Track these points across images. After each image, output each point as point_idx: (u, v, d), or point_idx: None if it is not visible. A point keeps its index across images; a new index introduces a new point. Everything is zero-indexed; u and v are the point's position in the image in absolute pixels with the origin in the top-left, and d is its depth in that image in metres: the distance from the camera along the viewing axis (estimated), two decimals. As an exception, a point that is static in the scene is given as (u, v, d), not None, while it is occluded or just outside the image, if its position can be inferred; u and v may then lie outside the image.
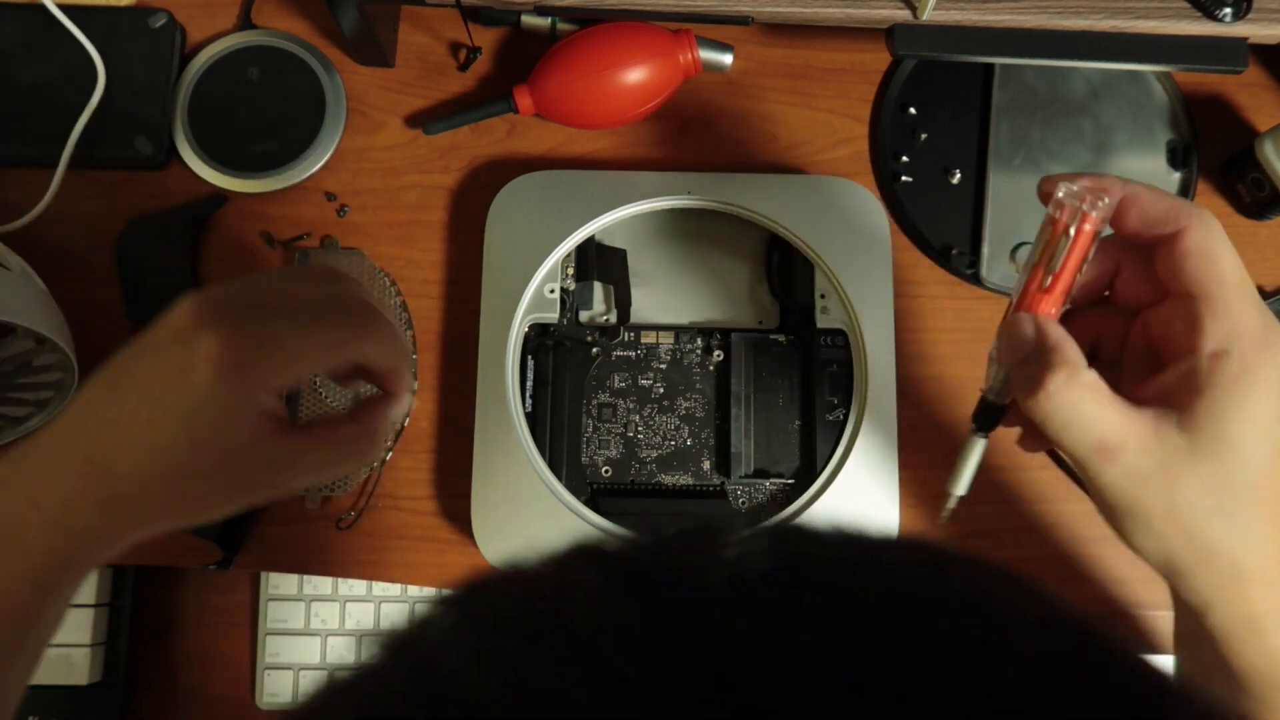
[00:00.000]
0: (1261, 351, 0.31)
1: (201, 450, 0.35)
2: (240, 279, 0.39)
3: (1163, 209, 0.33)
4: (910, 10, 0.56)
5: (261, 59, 0.65)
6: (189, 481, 0.36)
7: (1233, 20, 0.55)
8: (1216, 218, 0.34)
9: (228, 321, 0.35)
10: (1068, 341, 0.33)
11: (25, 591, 0.36)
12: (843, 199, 0.61)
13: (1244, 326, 0.31)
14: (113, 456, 0.35)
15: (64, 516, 0.35)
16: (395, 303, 0.62)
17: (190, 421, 0.34)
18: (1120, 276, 0.37)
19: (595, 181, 0.61)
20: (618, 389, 0.61)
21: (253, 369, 0.35)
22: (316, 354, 0.36)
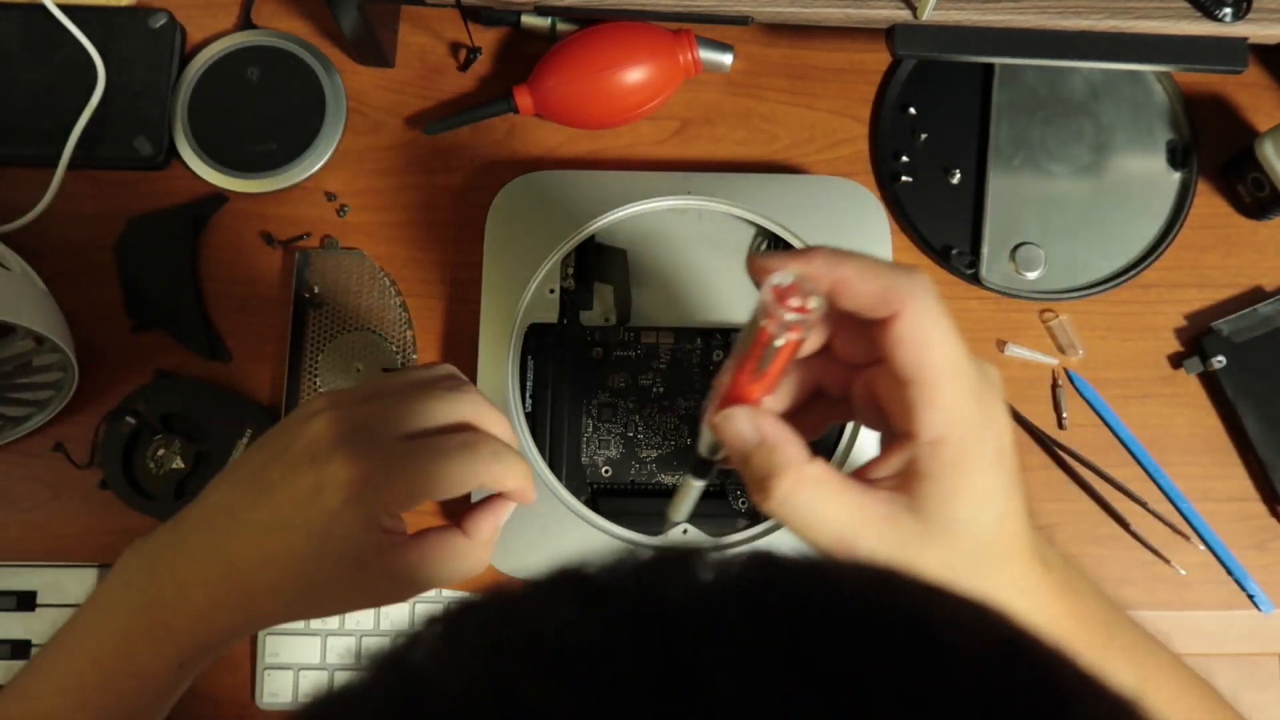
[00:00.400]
0: (978, 432, 0.31)
1: (329, 565, 0.38)
2: (369, 388, 0.41)
3: (874, 293, 0.31)
4: (910, 10, 0.56)
5: (261, 59, 0.65)
6: (317, 591, 0.39)
7: (1233, 20, 0.55)
8: (934, 289, 0.31)
9: (359, 448, 0.37)
10: (786, 439, 0.32)
11: (170, 671, 0.40)
12: (843, 199, 0.61)
13: (958, 414, 0.31)
14: (252, 565, 0.38)
15: (209, 613, 0.39)
16: (395, 303, 0.62)
17: (321, 540, 0.37)
18: (837, 339, 0.35)
19: (595, 181, 0.61)
20: (618, 389, 0.61)
21: (378, 497, 0.37)
22: (441, 487, 0.38)
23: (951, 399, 0.31)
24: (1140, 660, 0.36)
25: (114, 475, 0.59)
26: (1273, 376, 0.60)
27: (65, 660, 0.41)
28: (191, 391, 0.61)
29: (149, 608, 0.39)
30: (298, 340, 0.61)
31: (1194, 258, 0.63)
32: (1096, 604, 0.35)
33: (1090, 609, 0.35)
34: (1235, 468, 0.61)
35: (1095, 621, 0.35)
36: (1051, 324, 0.63)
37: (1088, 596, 0.35)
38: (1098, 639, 0.34)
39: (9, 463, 0.61)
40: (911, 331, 0.30)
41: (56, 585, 0.60)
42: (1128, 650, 0.35)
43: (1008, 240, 0.63)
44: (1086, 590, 0.35)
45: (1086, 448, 0.61)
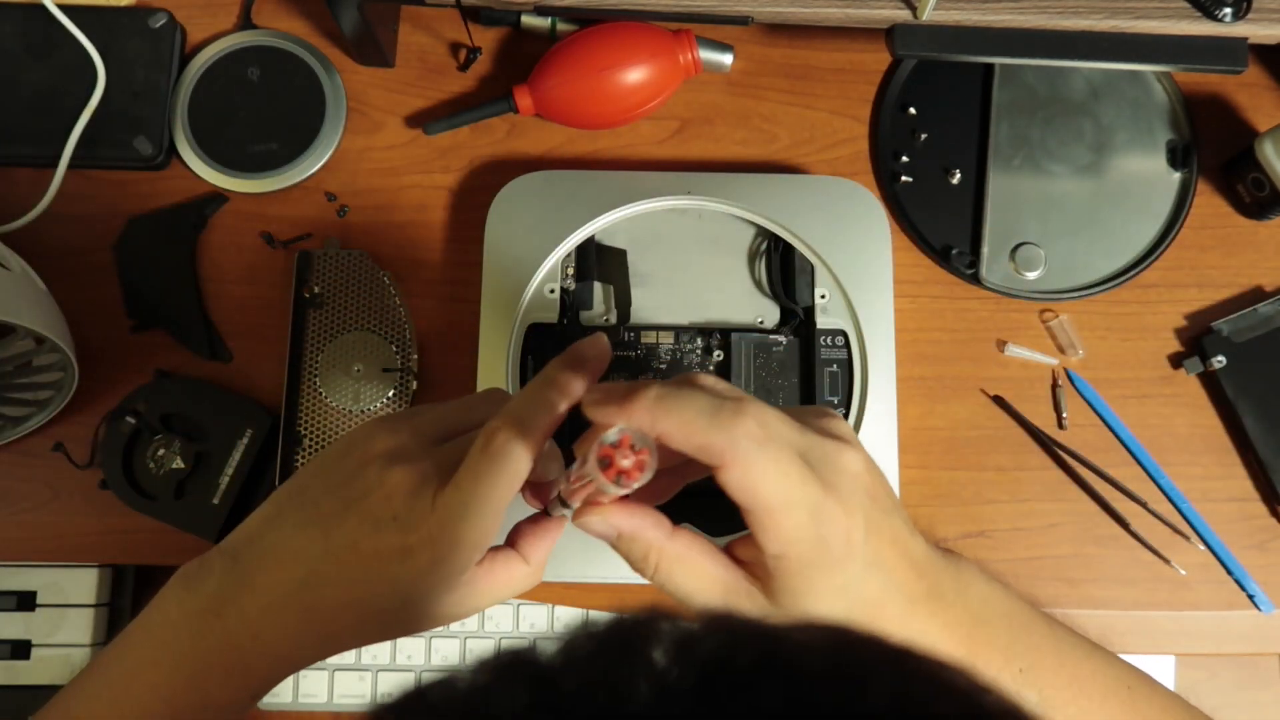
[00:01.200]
0: (816, 550, 0.33)
1: (412, 610, 0.39)
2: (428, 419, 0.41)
3: (694, 449, 0.32)
4: (910, 10, 0.56)
5: (261, 59, 0.65)
6: (397, 629, 0.40)
7: (1233, 20, 0.55)
8: (758, 432, 0.32)
9: (443, 511, 0.37)
10: (642, 526, 0.35)
11: (245, 701, 0.41)
12: (843, 199, 0.61)
13: (794, 537, 0.33)
14: (333, 610, 0.39)
15: (290, 653, 0.40)
16: (395, 303, 0.62)
17: (408, 591, 0.38)
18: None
19: (595, 181, 0.61)
20: (618, 389, 0.61)
21: (470, 557, 0.37)
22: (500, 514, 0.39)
23: (785, 528, 0.33)
24: (1045, 679, 0.38)
25: (114, 475, 0.59)
26: (1273, 376, 0.60)
27: (128, 688, 0.40)
28: (191, 391, 0.61)
29: (220, 649, 0.39)
30: (298, 340, 0.61)
31: (1194, 258, 0.63)
32: (999, 629, 0.38)
33: (988, 635, 0.37)
34: (1235, 468, 0.61)
35: (993, 648, 0.37)
36: (1051, 324, 0.63)
37: (990, 622, 0.37)
38: (993, 664, 0.37)
39: (9, 463, 0.61)
40: (736, 480, 0.32)
41: (56, 585, 0.60)
42: (1029, 671, 0.38)
43: (1008, 240, 0.63)
44: (991, 615, 0.38)
45: (1086, 448, 0.61)
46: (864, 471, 0.35)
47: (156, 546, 0.60)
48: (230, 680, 0.40)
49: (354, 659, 0.62)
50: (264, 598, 0.39)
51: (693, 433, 0.32)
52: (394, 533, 0.37)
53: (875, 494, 0.35)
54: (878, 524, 0.35)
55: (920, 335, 0.62)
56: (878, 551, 0.35)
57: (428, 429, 0.40)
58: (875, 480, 0.35)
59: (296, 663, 0.40)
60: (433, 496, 0.37)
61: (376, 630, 0.40)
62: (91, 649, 0.59)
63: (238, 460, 0.59)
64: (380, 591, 0.38)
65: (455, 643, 0.62)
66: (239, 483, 0.59)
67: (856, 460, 0.35)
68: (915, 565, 0.36)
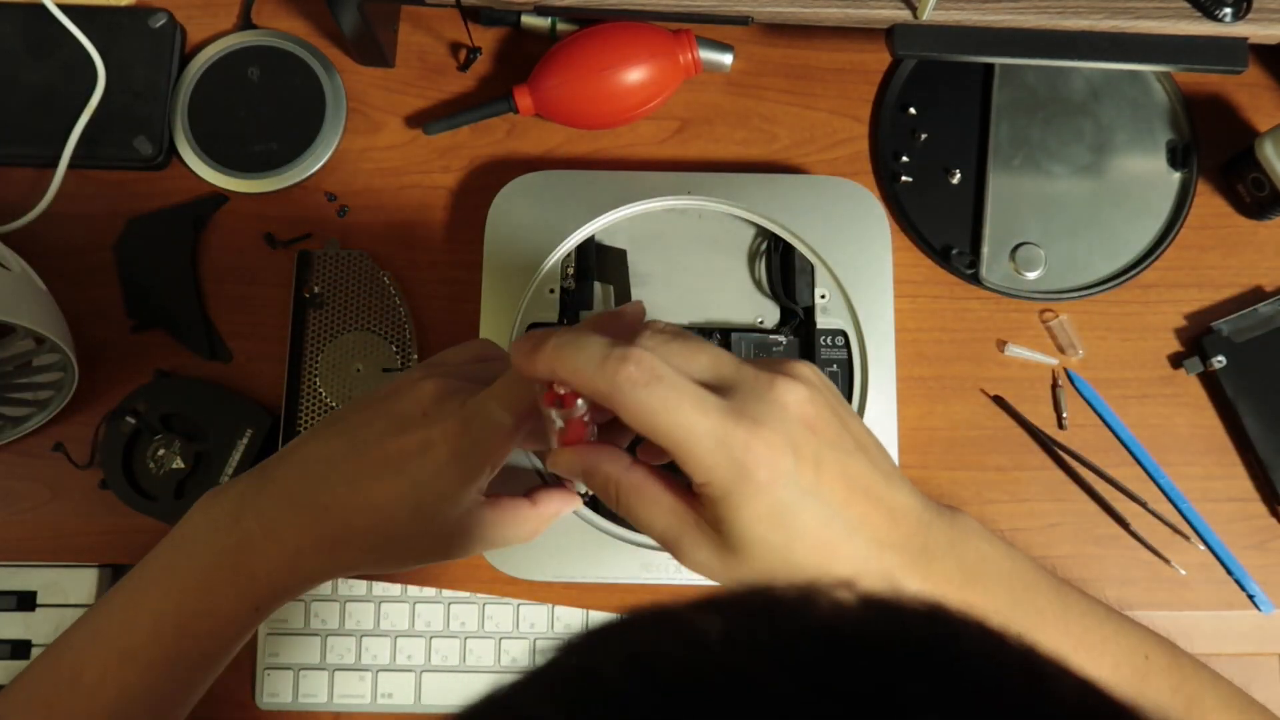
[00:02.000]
0: (737, 479, 0.33)
1: (423, 516, 0.40)
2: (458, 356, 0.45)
3: (589, 394, 0.34)
4: (910, 10, 0.56)
5: (261, 59, 0.65)
6: (401, 542, 0.41)
7: (1233, 20, 0.55)
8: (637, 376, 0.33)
9: (464, 411, 0.40)
10: (601, 458, 0.37)
11: (247, 614, 0.42)
12: (843, 199, 0.61)
13: (708, 463, 0.33)
14: (348, 510, 0.40)
15: (294, 556, 0.41)
16: (395, 303, 0.62)
17: (423, 490, 0.40)
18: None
19: (595, 181, 0.61)
20: (618, 389, 0.61)
21: (485, 457, 0.40)
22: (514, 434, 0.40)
23: (695, 457, 0.33)
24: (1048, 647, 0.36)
25: (114, 475, 0.59)
26: (1273, 376, 0.60)
27: (140, 598, 0.42)
28: (191, 391, 0.61)
29: (234, 549, 0.41)
30: (298, 340, 0.61)
31: (1194, 258, 0.63)
32: (996, 590, 0.36)
33: (983, 596, 0.36)
34: (1235, 468, 0.61)
35: (987, 610, 0.36)
36: (1051, 324, 0.63)
37: (986, 581, 0.36)
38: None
39: (9, 463, 0.61)
40: (631, 422, 0.33)
41: (56, 585, 0.60)
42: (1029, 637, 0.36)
43: (1008, 240, 0.63)
44: (989, 574, 0.37)
45: (1086, 448, 0.61)
46: (801, 402, 0.34)
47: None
48: (236, 584, 0.41)
49: (354, 660, 0.62)
50: (280, 492, 0.41)
51: (583, 381, 0.34)
52: (419, 428, 0.40)
53: (818, 427, 0.34)
54: (821, 457, 0.34)
55: (920, 335, 0.62)
56: (819, 483, 0.34)
57: (462, 361, 0.44)
58: (821, 414, 0.34)
59: (301, 571, 0.41)
60: (462, 401, 0.40)
61: (384, 539, 0.41)
62: (91, 649, 0.59)
63: (238, 460, 0.59)
64: (399, 489, 0.40)
65: (455, 643, 0.62)
66: (239, 483, 0.59)
67: (792, 392, 0.34)
68: (889, 511, 0.35)
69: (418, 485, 0.40)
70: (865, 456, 0.35)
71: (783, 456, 0.33)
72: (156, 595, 0.42)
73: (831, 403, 0.35)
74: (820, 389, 0.35)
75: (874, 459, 0.36)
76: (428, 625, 0.62)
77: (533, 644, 0.62)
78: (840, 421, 0.35)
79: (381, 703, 0.62)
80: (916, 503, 0.36)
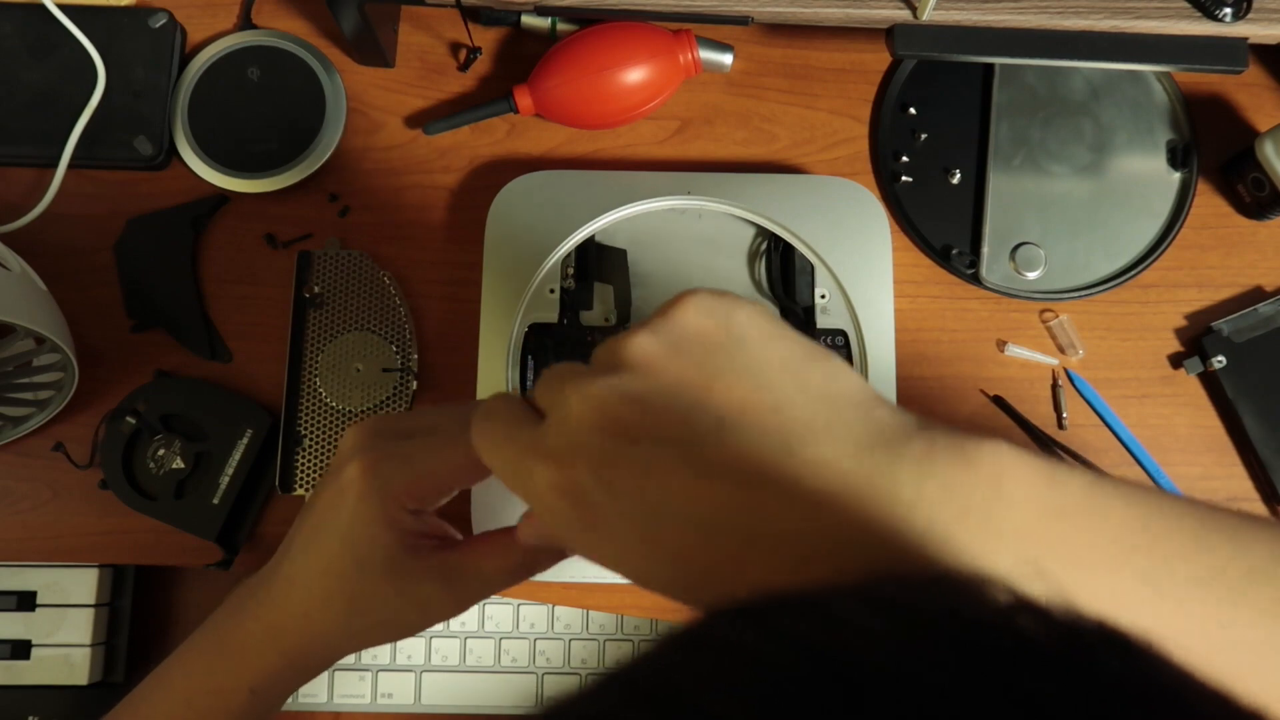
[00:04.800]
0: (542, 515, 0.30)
1: (369, 571, 0.38)
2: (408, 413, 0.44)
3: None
4: (910, 10, 0.56)
5: (261, 59, 0.65)
6: (364, 601, 0.39)
7: (1233, 20, 0.55)
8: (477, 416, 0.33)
9: (371, 446, 0.39)
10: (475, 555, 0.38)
11: (242, 692, 0.41)
12: (843, 199, 0.61)
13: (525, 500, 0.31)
14: (305, 578, 0.40)
15: (275, 637, 0.40)
16: (395, 303, 0.62)
17: (351, 543, 0.38)
18: None
19: (595, 181, 0.61)
20: (618, 389, 0.61)
21: (386, 488, 0.38)
22: (446, 469, 0.38)
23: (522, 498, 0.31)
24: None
25: (114, 475, 0.59)
26: (1273, 376, 0.60)
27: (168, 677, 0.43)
28: (191, 391, 0.61)
29: (234, 627, 0.41)
30: (298, 340, 0.61)
31: (1194, 258, 0.63)
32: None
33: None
34: (1235, 468, 0.61)
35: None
36: (1051, 324, 0.63)
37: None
38: None
39: (9, 463, 0.61)
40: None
41: (56, 585, 0.60)
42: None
43: (1008, 240, 0.63)
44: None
45: (1086, 448, 0.61)
46: (592, 407, 0.27)
47: (156, 546, 0.60)
48: (233, 664, 0.41)
49: (354, 659, 0.62)
50: (262, 578, 0.41)
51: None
52: (334, 479, 0.39)
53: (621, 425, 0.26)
54: (614, 467, 0.26)
55: (920, 335, 0.62)
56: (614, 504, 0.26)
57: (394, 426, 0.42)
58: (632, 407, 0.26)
59: (284, 650, 0.40)
60: (367, 446, 0.39)
61: (346, 603, 0.39)
62: (91, 649, 0.59)
63: (238, 460, 0.59)
64: (332, 548, 0.39)
65: (455, 643, 0.62)
66: (239, 483, 0.59)
67: (581, 400, 0.27)
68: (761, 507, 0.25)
69: (345, 538, 0.38)
70: (735, 430, 0.26)
71: (553, 491, 0.28)
72: (178, 673, 0.43)
73: (676, 374, 0.27)
74: (651, 366, 0.27)
75: (755, 425, 0.26)
76: (428, 625, 0.62)
77: (532, 644, 0.62)
78: (691, 397, 0.26)
79: (381, 703, 0.62)
80: (840, 464, 0.24)
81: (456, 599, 0.39)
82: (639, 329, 0.28)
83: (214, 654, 0.42)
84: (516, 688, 0.62)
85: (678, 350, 0.27)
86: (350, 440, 0.40)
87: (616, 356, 0.28)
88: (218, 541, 0.59)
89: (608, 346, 0.29)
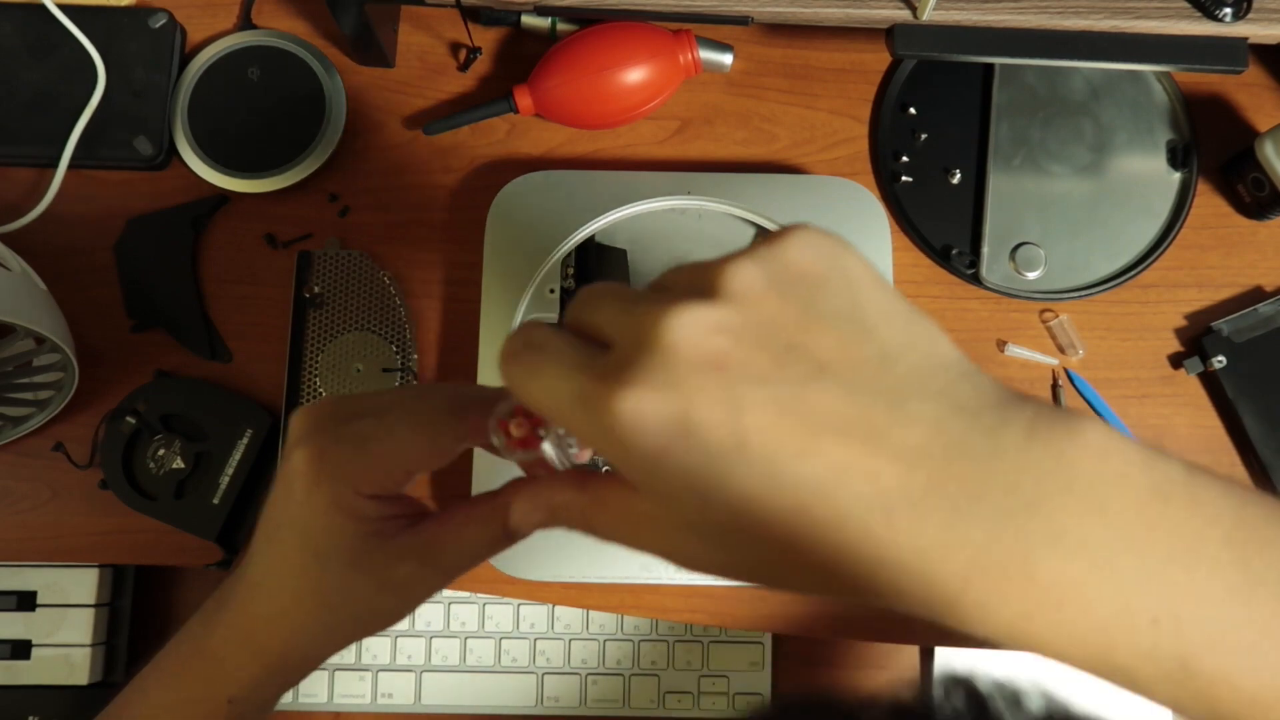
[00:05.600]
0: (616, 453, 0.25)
1: (331, 564, 0.35)
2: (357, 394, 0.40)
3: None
4: (910, 10, 0.56)
5: (261, 59, 0.65)
6: (334, 596, 0.36)
7: (1233, 20, 0.55)
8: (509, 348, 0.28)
9: (319, 430, 0.35)
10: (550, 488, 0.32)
11: (220, 702, 0.39)
12: (843, 199, 0.61)
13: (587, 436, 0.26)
14: (265, 577, 0.37)
15: (249, 643, 0.38)
16: (395, 303, 0.62)
17: (306, 534, 0.35)
18: None
19: (595, 181, 0.61)
20: (618, 389, 0.61)
21: (336, 472, 0.35)
22: (404, 451, 0.35)
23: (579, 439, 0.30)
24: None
25: (114, 475, 0.59)
26: (1273, 376, 0.60)
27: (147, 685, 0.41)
28: (191, 391, 0.61)
29: (201, 632, 0.39)
30: (298, 340, 0.61)
31: (1194, 258, 0.63)
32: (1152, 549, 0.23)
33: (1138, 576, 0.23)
34: (1235, 468, 0.61)
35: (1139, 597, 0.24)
36: (1051, 324, 0.63)
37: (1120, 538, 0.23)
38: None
39: (9, 463, 0.61)
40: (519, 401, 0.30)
41: (56, 585, 0.60)
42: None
43: (1008, 240, 0.63)
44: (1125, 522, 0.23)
45: (1086, 448, 0.61)
46: (698, 335, 0.24)
47: (156, 546, 0.60)
48: (209, 673, 0.39)
49: (354, 659, 0.62)
50: (244, 578, 0.38)
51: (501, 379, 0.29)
52: (281, 471, 0.36)
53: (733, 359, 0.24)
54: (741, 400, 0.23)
55: (920, 335, 0.62)
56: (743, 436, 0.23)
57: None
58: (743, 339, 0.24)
59: (260, 651, 0.38)
60: (313, 432, 0.35)
61: (316, 601, 0.36)
62: (91, 649, 0.59)
63: (238, 460, 0.59)
64: (288, 542, 0.36)
65: (455, 642, 0.62)
66: (239, 483, 0.59)
67: (683, 326, 0.24)
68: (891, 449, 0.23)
69: (299, 530, 0.35)
70: (836, 378, 0.24)
71: (656, 419, 0.23)
72: (154, 685, 0.40)
73: (773, 310, 0.24)
74: (760, 293, 0.24)
75: (857, 375, 0.24)
76: (428, 625, 0.62)
77: (532, 644, 0.62)
78: (787, 337, 0.24)
79: (381, 703, 0.62)
80: (946, 423, 0.24)
81: (438, 575, 0.36)
82: (739, 255, 0.25)
83: (189, 664, 0.39)
84: (516, 688, 0.62)
85: (780, 284, 0.25)
86: (297, 426, 0.36)
87: (707, 281, 0.25)
88: (218, 541, 0.59)
89: (696, 269, 0.26)
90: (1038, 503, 0.23)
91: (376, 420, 0.35)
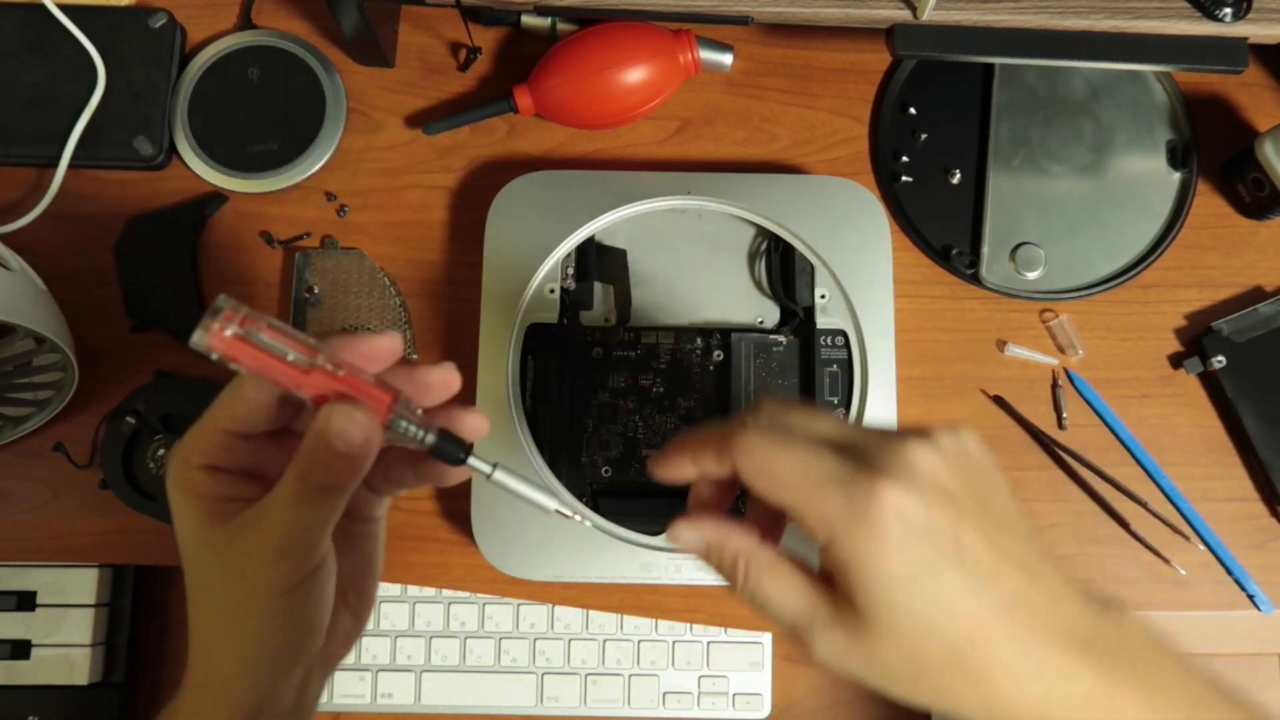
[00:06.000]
0: (859, 527, 0.30)
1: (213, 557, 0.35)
2: None
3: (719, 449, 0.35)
4: (910, 10, 0.56)
5: (261, 59, 0.65)
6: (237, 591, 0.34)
7: (1233, 20, 0.55)
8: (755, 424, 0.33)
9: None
10: (730, 533, 0.34)
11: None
12: (843, 199, 0.61)
13: (825, 511, 0.31)
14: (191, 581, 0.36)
15: (240, 672, 0.36)
16: (395, 303, 0.62)
17: (181, 539, 0.35)
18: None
19: (595, 181, 0.61)
20: (618, 389, 0.61)
21: (174, 452, 0.35)
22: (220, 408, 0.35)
23: (815, 509, 0.31)
24: None
25: (114, 475, 0.59)
26: (1273, 376, 0.60)
27: None
28: (191, 391, 0.61)
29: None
30: (298, 340, 0.61)
31: (1194, 258, 0.63)
32: (1176, 703, 0.31)
33: (1157, 696, 0.31)
34: (1235, 468, 0.61)
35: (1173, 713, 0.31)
36: (1051, 324, 0.63)
37: (1164, 689, 0.31)
38: None
39: (9, 463, 0.61)
40: (746, 473, 0.32)
41: (56, 585, 0.60)
42: None
43: (1008, 240, 0.63)
44: (1165, 681, 0.32)
45: (1086, 448, 0.61)
46: (934, 466, 0.31)
47: (156, 546, 0.60)
48: (219, 701, 0.36)
49: (354, 659, 0.62)
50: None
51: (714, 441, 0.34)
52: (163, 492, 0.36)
53: (955, 494, 0.31)
54: (961, 521, 0.31)
55: (920, 335, 0.62)
56: (960, 547, 0.30)
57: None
58: (957, 482, 0.31)
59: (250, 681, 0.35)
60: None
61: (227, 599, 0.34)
62: (91, 649, 0.59)
63: (238, 460, 0.59)
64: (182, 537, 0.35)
65: (455, 643, 0.62)
66: (239, 483, 0.59)
67: (924, 455, 0.31)
68: (1048, 591, 0.31)
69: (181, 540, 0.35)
70: (1013, 531, 0.32)
71: (914, 507, 0.30)
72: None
73: (970, 476, 0.32)
74: (955, 460, 0.32)
75: (1023, 535, 0.32)
76: (427, 625, 0.62)
77: (532, 644, 0.62)
78: (979, 495, 0.32)
79: (381, 703, 0.62)
80: (1076, 587, 0.32)
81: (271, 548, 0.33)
82: (934, 430, 0.33)
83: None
84: (516, 688, 0.62)
85: (964, 456, 0.33)
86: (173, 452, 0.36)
87: (928, 436, 0.32)
88: (218, 541, 0.59)
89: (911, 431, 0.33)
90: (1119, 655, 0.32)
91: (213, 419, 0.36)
